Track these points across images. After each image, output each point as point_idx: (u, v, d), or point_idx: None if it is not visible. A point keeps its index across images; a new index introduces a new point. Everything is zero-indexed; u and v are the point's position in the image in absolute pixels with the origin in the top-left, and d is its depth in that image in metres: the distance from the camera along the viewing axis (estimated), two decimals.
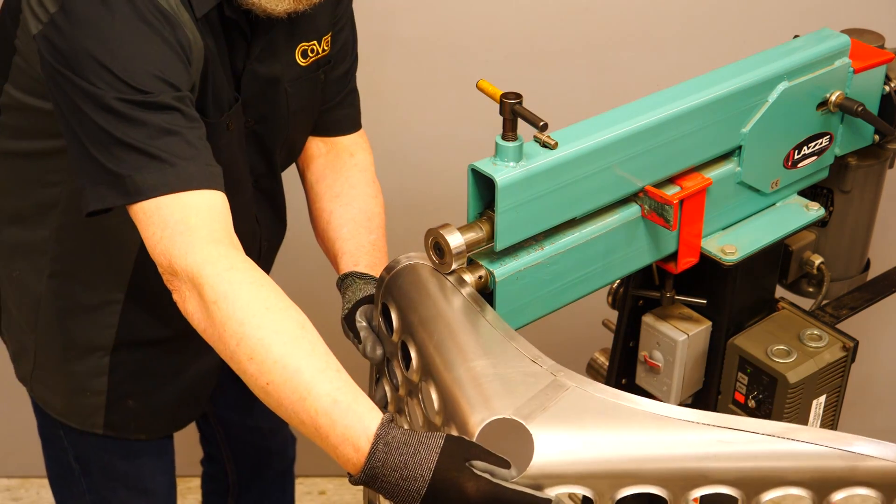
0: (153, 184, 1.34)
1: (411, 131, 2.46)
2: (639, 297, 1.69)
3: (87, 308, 1.68)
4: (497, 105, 1.32)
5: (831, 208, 1.78)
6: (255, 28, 1.54)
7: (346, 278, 1.60)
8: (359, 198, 1.73)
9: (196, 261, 1.30)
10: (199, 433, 2.21)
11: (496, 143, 1.32)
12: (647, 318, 1.67)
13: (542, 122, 1.29)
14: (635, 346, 1.72)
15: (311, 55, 1.65)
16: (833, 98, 1.61)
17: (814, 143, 1.64)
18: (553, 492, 1.17)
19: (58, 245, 1.64)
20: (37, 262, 1.67)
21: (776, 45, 1.60)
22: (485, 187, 1.35)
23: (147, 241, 1.35)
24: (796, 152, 1.62)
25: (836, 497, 1.22)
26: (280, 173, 1.75)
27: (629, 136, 1.41)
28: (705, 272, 1.60)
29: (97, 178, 1.37)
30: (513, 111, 1.31)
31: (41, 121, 1.51)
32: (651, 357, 1.68)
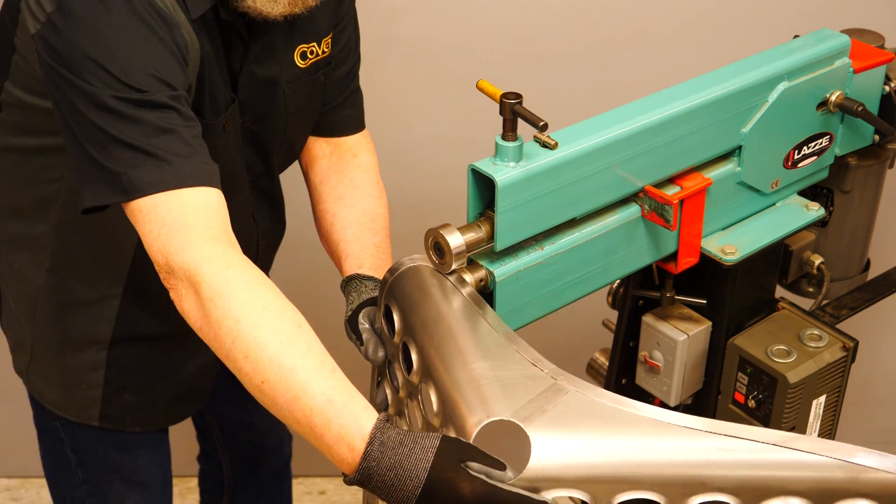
0: (149, 181, 1.34)
1: (411, 131, 2.46)
2: (639, 297, 1.69)
3: (84, 302, 1.69)
4: (497, 105, 1.32)
5: (831, 208, 1.78)
6: (252, 30, 1.54)
7: (350, 280, 1.60)
8: (363, 199, 1.73)
9: (193, 258, 1.30)
10: (195, 429, 2.21)
11: (496, 143, 1.32)
12: (647, 318, 1.67)
13: (542, 122, 1.29)
14: (635, 346, 1.72)
15: (310, 57, 1.65)
16: (833, 98, 1.61)
17: (814, 143, 1.64)
18: (550, 495, 1.16)
19: (57, 240, 1.65)
20: (36, 256, 1.68)
21: (776, 45, 1.60)
22: (485, 187, 1.35)
23: (144, 239, 1.35)
24: (796, 152, 1.62)
25: None
26: (278, 174, 1.75)
27: (629, 136, 1.41)
28: (705, 272, 1.60)
29: (93, 176, 1.37)
30: (513, 111, 1.31)
31: (40, 118, 1.52)
32: (651, 357, 1.68)
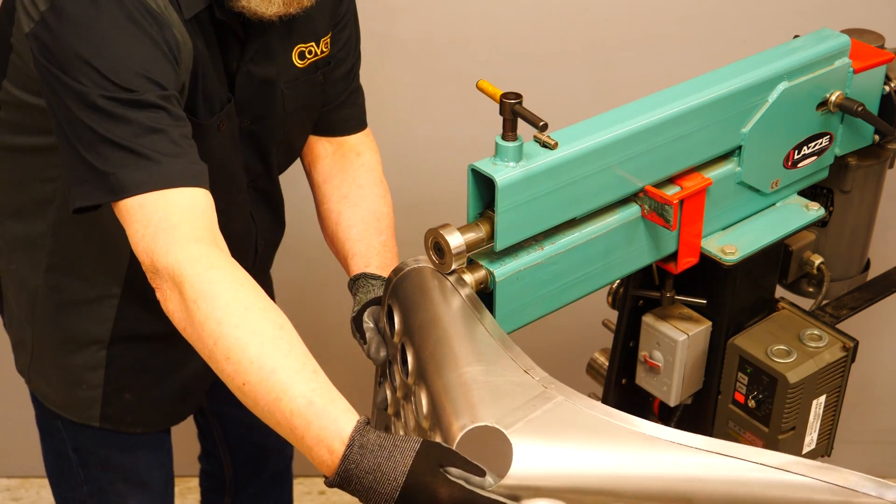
0: (137, 181, 1.34)
1: (411, 131, 2.46)
2: (639, 297, 1.69)
3: (83, 302, 1.69)
4: (497, 105, 1.32)
5: (831, 208, 1.78)
6: (249, 30, 1.54)
7: (357, 279, 1.60)
8: (367, 198, 1.73)
9: (177, 259, 1.30)
10: (196, 428, 2.21)
11: (496, 143, 1.32)
12: (647, 318, 1.67)
13: (542, 122, 1.29)
14: (635, 346, 1.72)
15: (308, 57, 1.65)
16: (833, 98, 1.61)
17: (814, 143, 1.64)
18: None
19: (54, 240, 1.65)
20: (34, 256, 1.68)
21: (776, 45, 1.60)
22: (485, 187, 1.35)
23: (131, 239, 1.35)
24: (796, 152, 1.62)
25: None
26: (277, 174, 1.75)
27: (629, 136, 1.41)
28: (705, 272, 1.60)
29: (83, 176, 1.37)
30: (513, 111, 1.31)
31: (38, 117, 1.52)
32: (651, 357, 1.68)
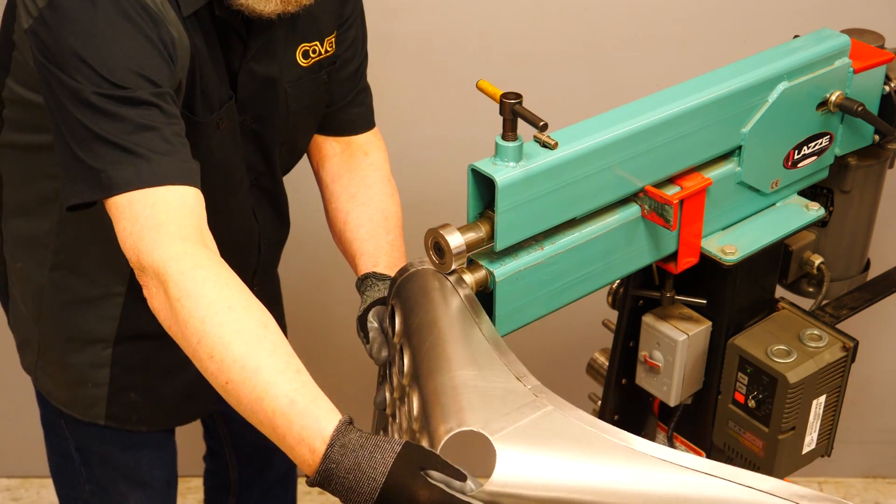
0: (126, 179, 1.34)
1: (411, 131, 2.46)
2: (639, 297, 1.69)
3: (88, 300, 1.69)
4: (497, 105, 1.32)
5: (831, 208, 1.78)
6: (251, 28, 1.54)
7: (365, 279, 1.60)
8: (375, 197, 1.72)
9: (162, 257, 1.30)
10: (202, 428, 2.21)
11: (496, 143, 1.32)
12: (647, 318, 1.67)
13: (542, 122, 1.29)
14: (635, 346, 1.72)
15: (312, 56, 1.65)
16: (833, 98, 1.61)
17: (814, 143, 1.64)
18: None
19: (58, 238, 1.65)
20: (39, 254, 1.68)
21: (776, 45, 1.60)
22: (485, 187, 1.35)
23: (119, 236, 1.36)
24: (796, 152, 1.62)
25: None
26: (280, 172, 1.75)
27: (629, 136, 1.41)
28: (705, 272, 1.60)
29: (77, 174, 1.38)
30: (513, 111, 1.31)
31: (41, 115, 1.52)
32: (651, 357, 1.68)
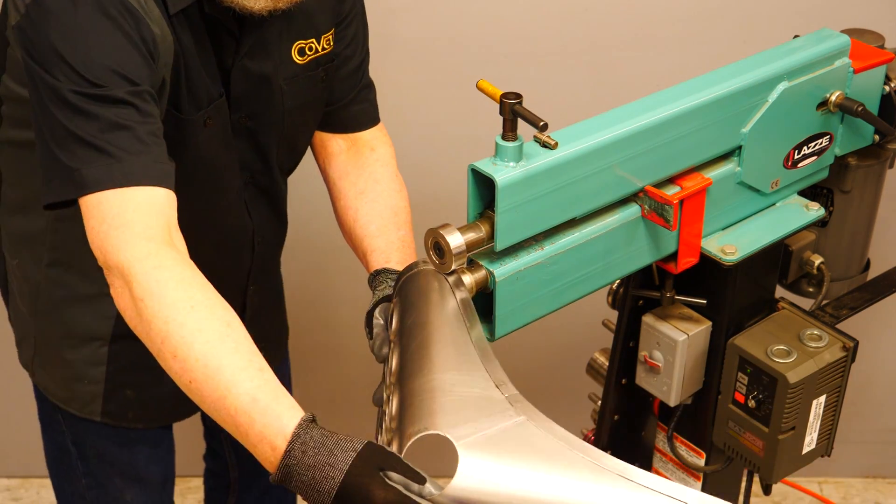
0: (98, 178, 1.35)
1: (411, 131, 2.46)
2: (639, 297, 1.69)
3: (84, 298, 1.69)
4: (497, 105, 1.32)
5: (831, 208, 1.78)
6: (243, 25, 1.54)
7: (377, 275, 1.60)
8: (384, 193, 1.72)
9: (127, 258, 1.31)
10: (203, 426, 2.21)
11: (496, 143, 1.32)
12: (647, 318, 1.67)
13: (542, 122, 1.29)
14: (635, 346, 1.72)
15: (308, 53, 1.64)
16: (833, 98, 1.61)
17: (814, 143, 1.64)
18: None
19: (54, 235, 1.65)
20: (35, 251, 1.69)
21: (776, 45, 1.60)
22: (485, 187, 1.35)
23: (88, 235, 1.36)
24: (796, 152, 1.62)
25: None
26: (278, 170, 1.74)
27: (629, 136, 1.41)
28: (705, 272, 1.60)
29: (54, 172, 1.39)
30: (513, 111, 1.31)
31: None
32: (651, 357, 1.68)
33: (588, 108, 1.51)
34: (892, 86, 1.70)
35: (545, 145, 1.33)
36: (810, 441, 1.65)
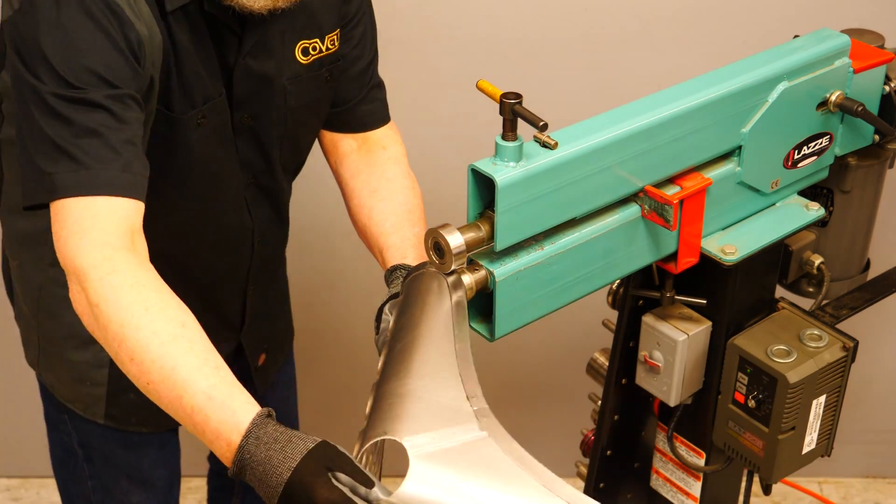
0: (66, 184, 1.36)
1: (411, 131, 2.45)
2: (639, 297, 1.69)
3: None
4: (497, 105, 1.32)
5: (831, 208, 1.78)
6: (245, 24, 1.54)
7: (394, 271, 1.59)
8: (397, 191, 1.72)
9: (82, 263, 1.33)
10: None
11: (496, 143, 1.32)
12: (647, 318, 1.67)
13: (542, 122, 1.29)
14: (635, 346, 1.72)
15: (312, 53, 1.64)
16: (833, 98, 1.61)
17: (814, 143, 1.64)
18: None
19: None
20: (37, 251, 1.69)
21: (776, 45, 1.60)
22: (485, 187, 1.35)
23: (53, 239, 1.38)
24: (796, 152, 1.62)
25: None
26: (280, 170, 1.73)
27: (629, 136, 1.41)
28: (705, 272, 1.60)
29: (29, 174, 1.40)
30: (513, 111, 1.31)
31: None
32: (651, 357, 1.68)
33: (588, 108, 1.51)
34: (892, 86, 1.70)
35: (545, 145, 1.33)
36: (810, 441, 1.65)
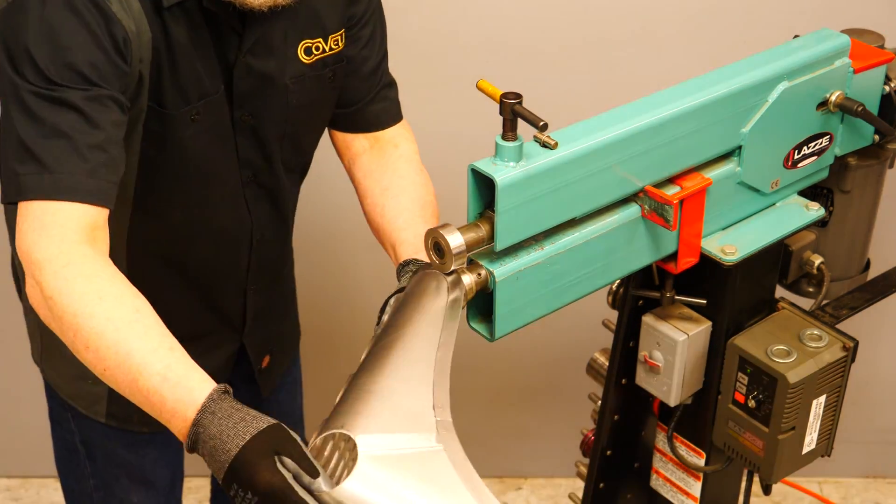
0: (30, 186, 1.37)
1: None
2: (639, 297, 1.69)
3: None
4: (497, 105, 1.32)
5: (831, 208, 1.78)
6: (246, 21, 1.53)
7: (406, 265, 1.59)
8: (409, 188, 1.72)
9: (38, 258, 1.34)
10: None
11: (496, 143, 1.32)
12: (647, 318, 1.67)
13: (542, 122, 1.29)
14: (635, 346, 1.72)
15: (315, 53, 1.64)
16: (833, 98, 1.61)
17: (814, 143, 1.64)
18: None
19: None
20: None
21: (776, 45, 1.60)
22: (485, 187, 1.35)
23: (16, 234, 1.39)
24: (796, 152, 1.62)
25: None
26: (281, 169, 1.73)
27: (629, 136, 1.41)
28: (705, 272, 1.60)
29: (4, 172, 1.41)
30: (513, 111, 1.31)
31: None
32: (651, 357, 1.68)
33: (588, 108, 1.51)
34: (892, 86, 1.70)
35: (545, 145, 1.33)
36: (810, 441, 1.65)
